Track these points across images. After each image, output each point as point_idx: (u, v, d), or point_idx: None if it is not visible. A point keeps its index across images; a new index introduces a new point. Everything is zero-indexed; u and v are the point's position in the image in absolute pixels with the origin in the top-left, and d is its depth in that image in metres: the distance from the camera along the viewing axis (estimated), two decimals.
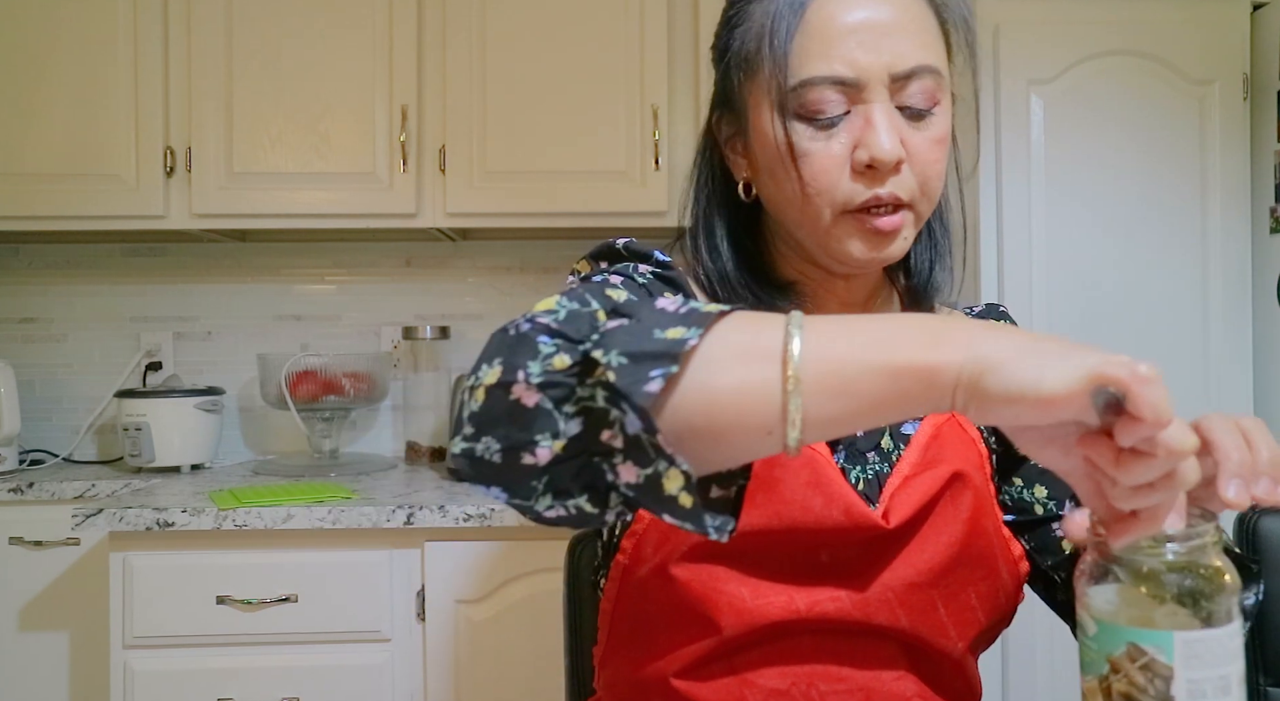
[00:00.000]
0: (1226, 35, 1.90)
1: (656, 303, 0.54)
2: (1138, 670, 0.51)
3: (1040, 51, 1.87)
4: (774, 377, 0.49)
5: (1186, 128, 1.89)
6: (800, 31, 0.70)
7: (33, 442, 2.27)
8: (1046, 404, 0.44)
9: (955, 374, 0.48)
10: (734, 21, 0.76)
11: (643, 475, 0.50)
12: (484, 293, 2.36)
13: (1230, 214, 1.90)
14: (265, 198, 2.00)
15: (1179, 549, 0.51)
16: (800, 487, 0.71)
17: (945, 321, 0.51)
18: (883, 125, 0.69)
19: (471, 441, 0.52)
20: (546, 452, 0.51)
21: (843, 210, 0.71)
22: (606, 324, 0.52)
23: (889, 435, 0.78)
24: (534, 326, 0.52)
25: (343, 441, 2.29)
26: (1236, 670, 0.50)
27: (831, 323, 0.52)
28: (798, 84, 0.70)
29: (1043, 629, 1.84)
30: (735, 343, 0.51)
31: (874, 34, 0.69)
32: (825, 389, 0.49)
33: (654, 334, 0.50)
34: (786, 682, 0.72)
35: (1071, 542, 0.56)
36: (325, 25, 2.00)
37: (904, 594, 0.72)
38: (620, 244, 0.75)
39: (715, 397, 0.50)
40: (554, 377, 0.51)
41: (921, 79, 0.70)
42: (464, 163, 2.01)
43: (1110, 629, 0.52)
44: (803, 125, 0.71)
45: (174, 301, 2.34)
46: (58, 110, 1.98)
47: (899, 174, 0.71)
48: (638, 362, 0.49)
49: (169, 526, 1.63)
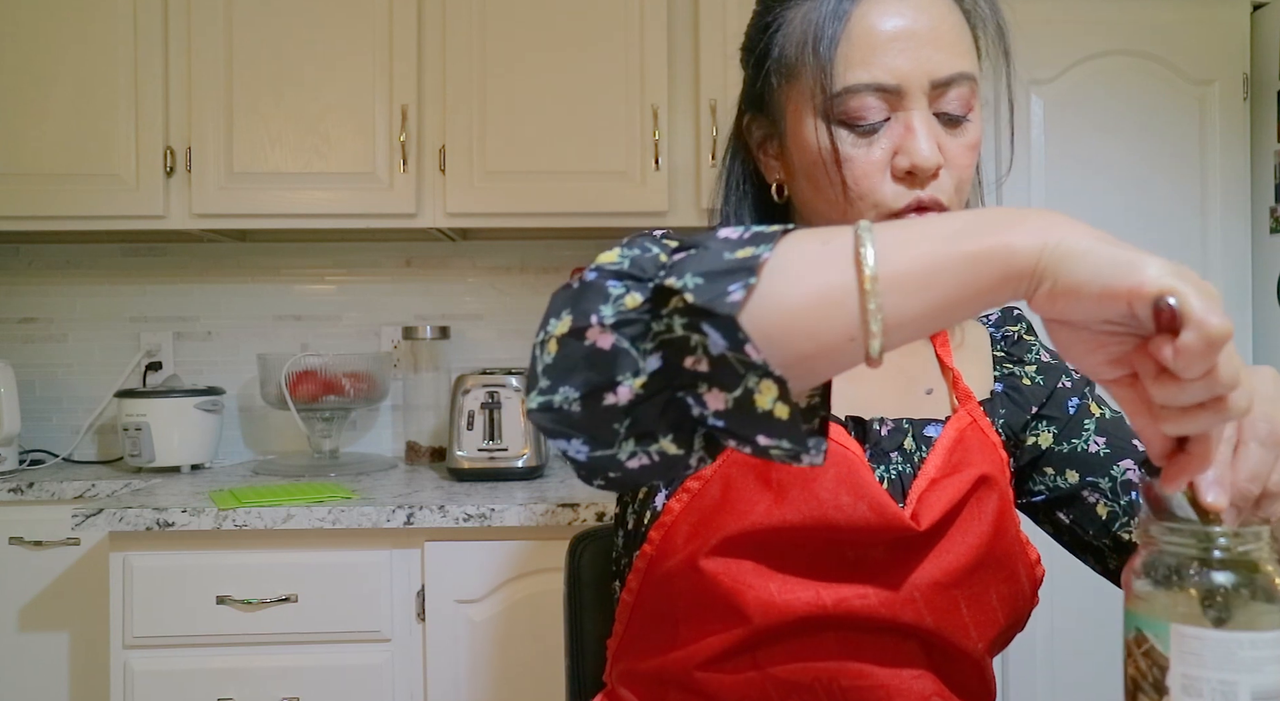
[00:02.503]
0: (1226, 35, 1.90)
1: (719, 233, 0.53)
2: (1141, 655, 0.51)
3: (1040, 51, 1.87)
4: (850, 281, 0.48)
5: (1186, 128, 1.89)
6: (843, 39, 0.72)
7: (33, 442, 2.27)
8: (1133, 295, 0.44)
9: (1035, 256, 0.47)
10: (772, 26, 0.77)
11: (731, 399, 0.49)
12: (484, 292, 2.36)
13: (1230, 214, 1.90)
14: (265, 198, 2.00)
15: (1224, 544, 0.50)
16: (832, 485, 0.72)
17: (1017, 209, 0.50)
18: (923, 132, 0.71)
19: (549, 394, 0.51)
20: (628, 392, 0.50)
21: (884, 214, 0.73)
22: (674, 258, 0.51)
23: (912, 437, 0.79)
24: (600, 273, 0.51)
25: (343, 441, 2.30)
26: (1251, 681, 0.48)
27: (902, 224, 0.51)
28: (841, 91, 0.72)
29: (1043, 628, 1.84)
30: (808, 252, 0.50)
31: (915, 42, 0.71)
32: (903, 286, 0.48)
33: (724, 256, 0.50)
34: (809, 677, 0.73)
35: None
36: (325, 25, 2.00)
37: (929, 593, 0.73)
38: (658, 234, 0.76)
39: (795, 306, 0.49)
40: (628, 316, 0.49)
41: (959, 86, 0.72)
42: (464, 163, 2.01)
43: (1127, 612, 0.53)
44: (845, 131, 0.73)
45: (174, 301, 2.34)
46: (58, 110, 1.99)
47: (937, 179, 0.73)
48: (713, 280, 0.48)
49: (169, 526, 1.63)
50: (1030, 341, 0.91)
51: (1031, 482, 0.87)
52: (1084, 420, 0.85)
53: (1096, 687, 1.85)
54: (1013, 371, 0.87)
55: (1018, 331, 0.91)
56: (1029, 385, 0.87)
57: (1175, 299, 0.43)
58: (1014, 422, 0.86)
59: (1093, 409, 0.86)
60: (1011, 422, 0.86)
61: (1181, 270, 0.45)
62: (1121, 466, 0.82)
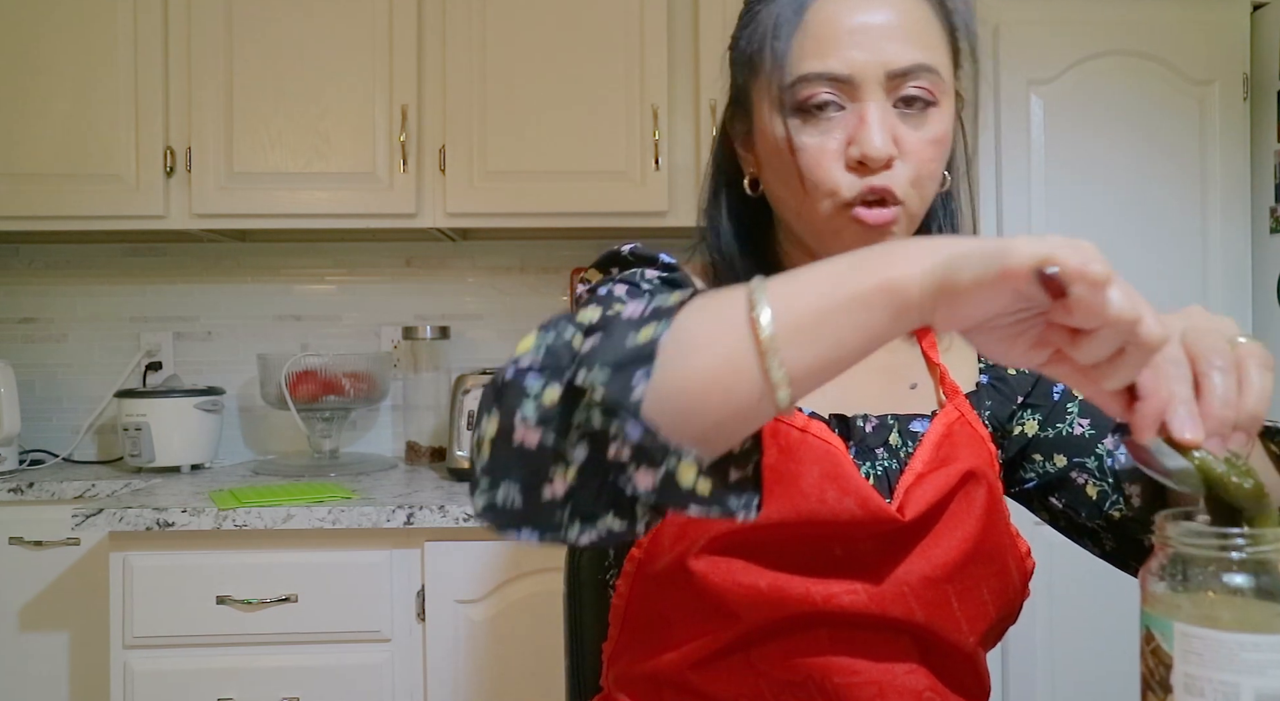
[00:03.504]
0: (1226, 35, 1.90)
1: (623, 312, 0.55)
2: (1150, 653, 0.51)
3: (1040, 51, 1.87)
4: (748, 345, 0.50)
5: (1186, 128, 1.89)
6: (800, 31, 0.72)
7: (33, 442, 2.27)
8: (1011, 277, 0.46)
9: (919, 282, 0.49)
10: (744, 23, 0.79)
11: (658, 476, 0.51)
12: (484, 292, 2.36)
13: (1230, 214, 1.90)
14: (265, 198, 2.00)
15: (1240, 543, 0.50)
16: (816, 480, 0.72)
17: (901, 241, 0.52)
18: (875, 122, 0.71)
19: (490, 493, 0.54)
20: (563, 484, 0.53)
21: (839, 203, 0.73)
22: (583, 346, 0.54)
23: (897, 432, 0.79)
24: (518, 370, 0.54)
25: (343, 441, 2.30)
26: (1254, 684, 0.48)
27: (790, 276, 0.53)
28: (795, 80, 0.72)
29: (1043, 629, 1.84)
30: (704, 321, 0.53)
31: (871, 35, 0.71)
32: (800, 339, 0.50)
33: (627, 341, 0.52)
34: (801, 675, 0.73)
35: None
36: (325, 25, 2.00)
37: (919, 588, 0.73)
38: (626, 250, 0.77)
39: (699, 383, 0.51)
40: (548, 413, 0.52)
41: (919, 78, 0.71)
42: (464, 163, 2.01)
43: (1141, 611, 0.53)
44: (800, 121, 0.73)
45: (174, 301, 2.34)
46: (58, 110, 1.99)
47: (891, 170, 0.72)
48: (619, 371, 0.50)
49: (169, 526, 1.63)
50: None
51: (1022, 471, 0.88)
52: (1067, 404, 0.86)
53: (1096, 684, 1.85)
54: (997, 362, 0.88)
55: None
56: (1014, 375, 0.87)
57: (1051, 266, 0.45)
58: (1000, 414, 0.86)
59: (1076, 392, 0.85)
60: (998, 414, 0.86)
61: (1048, 238, 0.47)
62: (1105, 444, 0.83)
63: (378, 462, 2.15)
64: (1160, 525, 0.53)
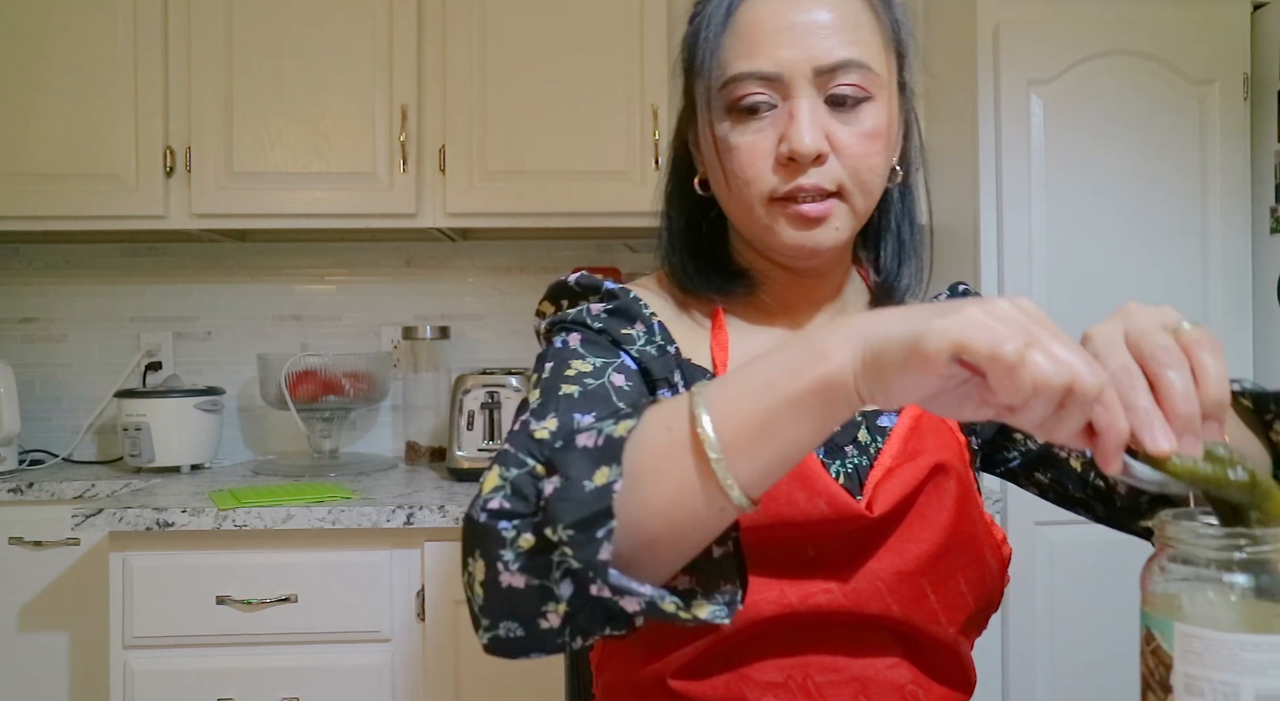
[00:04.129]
0: (1227, 35, 1.90)
1: (578, 441, 0.57)
2: (1150, 653, 0.51)
3: (1040, 51, 1.87)
4: (698, 466, 0.54)
5: (1187, 128, 1.89)
6: (729, 32, 0.73)
7: (33, 442, 2.27)
8: (928, 364, 0.47)
9: (850, 372, 0.51)
10: (690, 25, 0.80)
11: (642, 603, 0.55)
12: (484, 292, 2.36)
13: (1230, 214, 1.90)
14: (265, 198, 2.00)
15: (1240, 543, 0.50)
16: (784, 483, 0.72)
17: (824, 329, 0.53)
18: (804, 119, 0.71)
19: (494, 630, 0.58)
20: (557, 617, 0.56)
21: (770, 199, 0.74)
22: (545, 484, 0.56)
23: (865, 428, 0.79)
24: (489, 515, 0.57)
25: (343, 441, 2.29)
26: (1255, 684, 0.48)
27: (727, 382, 0.55)
28: (726, 81, 0.73)
29: (1043, 629, 1.84)
30: (652, 452, 0.56)
31: (798, 33, 0.72)
32: (746, 449, 0.53)
33: (584, 487, 0.54)
34: (783, 676, 0.73)
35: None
36: (325, 25, 2.00)
37: (894, 582, 0.73)
38: (573, 281, 0.80)
39: (660, 511, 0.55)
40: (528, 558, 0.55)
41: (849, 74, 0.72)
42: (464, 163, 2.01)
43: (1141, 611, 0.53)
44: (731, 120, 0.74)
45: (174, 301, 2.34)
46: (58, 110, 1.99)
47: (822, 166, 0.72)
48: (583, 530, 0.53)
49: (169, 526, 1.63)
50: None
51: (1005, 451, 0.88)
52: None
53: (1096, 684, 1.85)
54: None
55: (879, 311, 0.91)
56: None
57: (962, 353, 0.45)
58: None
59: None
60: None
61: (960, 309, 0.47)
62: None
63: (378, 462, 2.15)
64: (1160, 525, 0.53)
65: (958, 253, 1.96)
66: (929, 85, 2.08)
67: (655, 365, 0.77)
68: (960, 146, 1.94)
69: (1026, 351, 0.45)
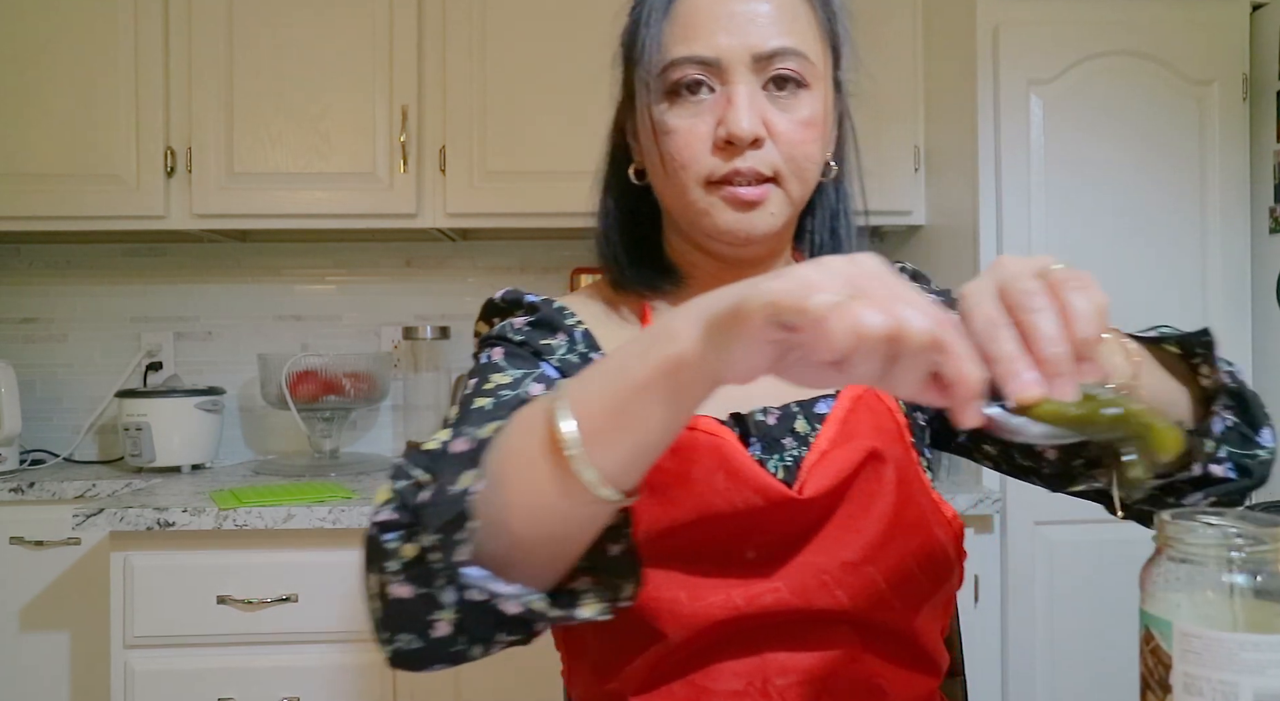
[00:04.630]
0: (1226, 35, 1.90)
1: (451, 447, 0.57)
2: (1149, 652, 0.51)
3: (1040, 52, 1.87)
4: (555, 462, 0.53)
5: (1186, 128, 1.89)
6: (669, 20, 0.74)
7: (33, 442, 2.27)
8: (750, 328, 0.46)
9: (694, 351, 0.50)
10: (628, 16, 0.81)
11: (521, 604, 0.55)
12: (484, 292, 2.36)
13: (1229, 214, 1.90)
14: (265, 198, 2.00)
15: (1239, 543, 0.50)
16: (706, 473, 0.72)
17: (679, 310, 0.52)
18: (741, 103, 0.72)
19: (392, 642, 0.57)
20: (446, 625, 0.55)
21: (706, 182, 0.74)
22: (422, 494, 0.56)
23: (804, 418, 0.78)
24: (377, 527, 0.57)
25: (343, 441, 2.30)
26: (1254, 683, 0.48)
27: (586, 376, 0.55)
28: (665, 65, 0.74)
29: (1043, 629, 1.84)
30: (513, 451, 0.55)
31: (737, 20, 0.72)
32: (605, 439, 0.52)
33: (449, 491, 0.54)
34: (742, 682, 0.72)
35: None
36: (325, 25, 2.01)
37: (840, 574, 0.72)
38: (499, 297, 0.84)
39: (522, 510, 0.54)
40: (410, 568, 0.55)
41: (786, 61, 0.73)
42: (464, 163, 2.01)
43: (1140, 610, 0.53)
44: (668, 104, 0.75)
45: (174, 301, 2.34)
46: (58, 110, 1.99)
47: (760, 150, 0.73)
48: (445, 533, 0.53)
49: (169, 526, 1.63)
50: (920, 286, 0.86)
51: (950, 425, 0.85)
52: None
53: (1096, 684, 1.85)
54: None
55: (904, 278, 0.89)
56: None
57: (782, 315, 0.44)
58: None
59: None
60: None
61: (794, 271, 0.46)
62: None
63: (378, 462, 2.15)
64: (1160, 525, 0.53)
65: (957, 253, 1.96)
66: (929, 86, 2.09)
67: (576, 372, 0.77)
68: (960, 146, 1.94)
69: (843, 303, 0.43)
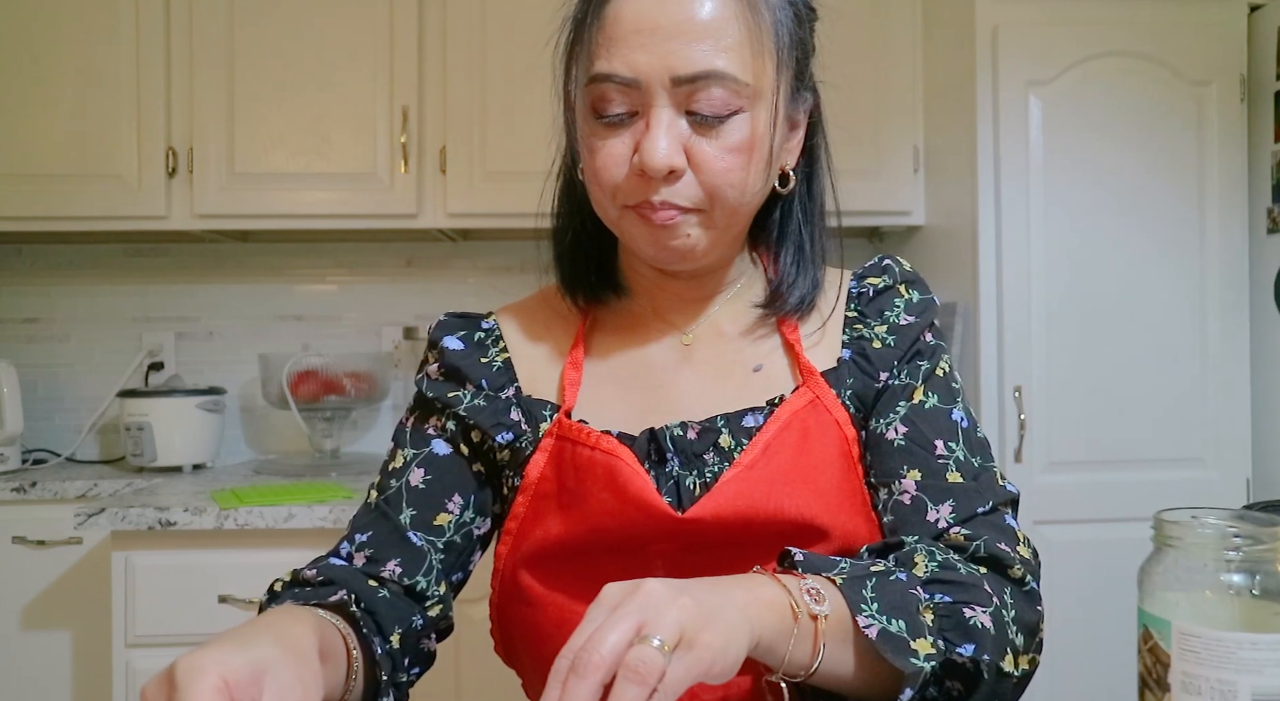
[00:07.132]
0: (1224, 36, 1.91)
1: (304, 573, 0.75)
2: (1148, 652, 0.52)
3: (1039, 52, 1.87)
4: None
5: (1184, 128, 1.90)
6: (598, 29, 0.69)
7: (35, 442, 2.27)
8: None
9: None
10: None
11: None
12: (484, 292, 2.37)
13: (1228, 214, 1.91)
14: (267, 198, 2.01)
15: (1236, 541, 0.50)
16: (596, 492, 0.71)
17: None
18: (657, 132, 0.66)
19: None
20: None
21: (624, 205, 0.71)
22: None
23: (728, 433, 0.74)
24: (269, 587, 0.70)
25: (344, 441, 2.30)
26: (1252, 682, 0.48)
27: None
28: (588, 80, 0.69)
29: None
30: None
31: (658, 36, 0.66)
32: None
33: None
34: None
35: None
36: (326, 26, 2.01)
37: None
38: (430, 329, 0.84)
39: None
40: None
41: (711, 85, 0.66)
42: (464, 163, 2.01)
43: (1138, 610, 0.53)
44: (595, 120, 0.70)
45: (176, 301, 2.34)
46: (60, 111, 1.99)
47: (675, 183, 0.68)
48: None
49: (171, 526, 1.63)
50: (894, 296, 0.80)
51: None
52: (899, 402, 0.76)
53: (1095, 683, 1.86)
54: (862, 333, 0.79)
55: (880, 283, 0.81)
56: (879, 348, 0.77)
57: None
58: (864, 393, 0.77)
59: (916, 394, 0.76)
60: (861, 393, 0.77)
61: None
62: (901, 484, 0.73)
63: (379, 462, 2.15)
64: (1159, 524, 0.53)
65: (956, 253, 1.97)
66: (928, 86, 2.09)
67: (483, 416, 0.77)
68: (959, 147, 1.94)
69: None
